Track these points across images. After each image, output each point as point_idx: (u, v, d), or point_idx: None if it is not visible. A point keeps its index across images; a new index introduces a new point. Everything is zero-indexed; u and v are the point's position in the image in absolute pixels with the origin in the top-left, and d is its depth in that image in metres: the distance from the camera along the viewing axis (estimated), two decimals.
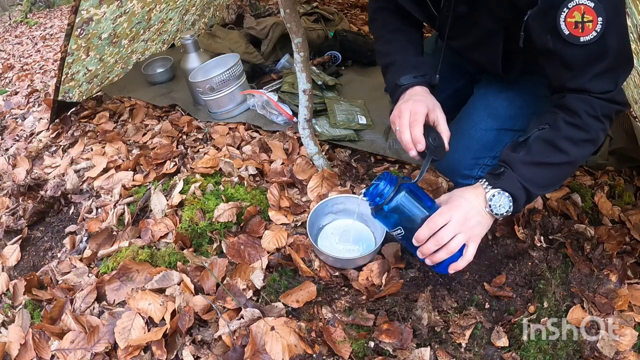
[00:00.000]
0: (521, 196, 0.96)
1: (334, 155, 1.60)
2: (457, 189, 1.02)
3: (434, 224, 0.92)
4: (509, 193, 0.95)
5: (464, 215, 0.94)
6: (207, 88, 1.78)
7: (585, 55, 0.91)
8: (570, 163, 0.99)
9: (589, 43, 0.88)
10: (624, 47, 0.93)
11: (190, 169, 1.57)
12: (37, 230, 1.55)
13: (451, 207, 0.95)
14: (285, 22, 1.23)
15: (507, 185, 0.96)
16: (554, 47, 0.92)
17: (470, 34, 1.14)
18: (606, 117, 0.96)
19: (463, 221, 0.93)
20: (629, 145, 1.57)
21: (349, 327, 1.08)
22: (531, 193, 0.97)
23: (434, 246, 0.93)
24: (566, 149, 0.96)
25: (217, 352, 1.03)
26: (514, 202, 0.96)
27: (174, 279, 1.19)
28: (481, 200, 0.96)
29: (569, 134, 0.95)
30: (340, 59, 2.27)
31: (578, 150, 0.97)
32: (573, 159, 0.97)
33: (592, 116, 0.94)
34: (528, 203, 1.00)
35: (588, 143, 0.98)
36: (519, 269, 1.25)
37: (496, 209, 0.95)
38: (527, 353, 1.04)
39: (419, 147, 0.98)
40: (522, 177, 0.96)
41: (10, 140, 2.11)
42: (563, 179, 1.08)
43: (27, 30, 5.73)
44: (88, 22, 1.63)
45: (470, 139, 1.36)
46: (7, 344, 1.12)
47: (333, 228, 1.36)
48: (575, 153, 0.97)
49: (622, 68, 0.94)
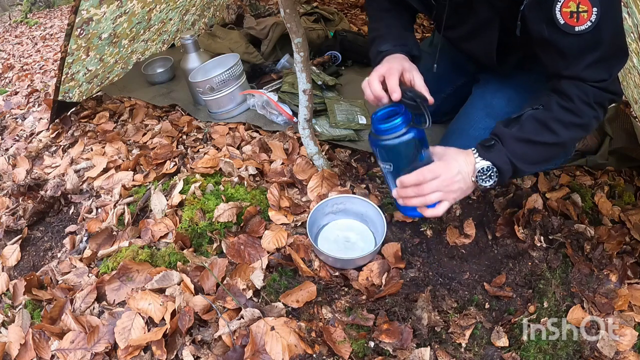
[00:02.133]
0: (507, 170, 1.00)
1: (334, 155, 1.60)
2: (452, 149, 1.04)
3: (423, 177, 0.96)
4: (496, 167, 0.99)
5: (451, 178, 0.98)
6: (207, 88, 1.78)
7: (580, 45, 0.94)
8: (559, 144, 1.02)
9: (584, 33, 0.91)
10: (618, 37, 0.95)
11: (190, 169, 1.57)
12: (37, 230, 1.55)
13: (442, 167, 0.98)
14: (285, 22, 1.23)
15: (495, 158, 1.00)
16: (549, 36, 0.95)
17: (467, 23, 1.16)
18: (599, 104, 0.99)
19: (447, 183, 0.97)
20: (629, 145, 1.57)
21: (349, 327, 1.08)
22: (518, 168, 1.01)
23: (413, 194, 0.97)
24: (557, 130, 0.99)
25: (217, 352, 1.03)
26: (499, 175, 1.00)
27: (174, 279, 1.19)
28: (470, 168, 1.01)
29: (561, 116, 0.99)
30: (340, 59, 2.27)
31: (568, 132, 1.00)
32: (562, 140, 1.01)
33: (584, 102, 0.97)
34: (513, 178, 1.03)
35: (578, 128, 1.01)
36: (519, 269, 1.25)
37: (482, 181, 1.01)
38: (527, 353, 1.04)
39: (394, 96, 0.99)
40: (511, 152, 0.99)
41: (10, 140, 2.11)
42: (550, 160, 1.11)
43: (27, 30, 5.73)
44: (88, 22, 1.63)
45: (469, 139, 1.37)
46: (7, 344, 1.12)
47: (333, 228, 1.36)
48: (565, 135, 1.00)
49: (616, 58, 0.97)
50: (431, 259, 1.28)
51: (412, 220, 1.35)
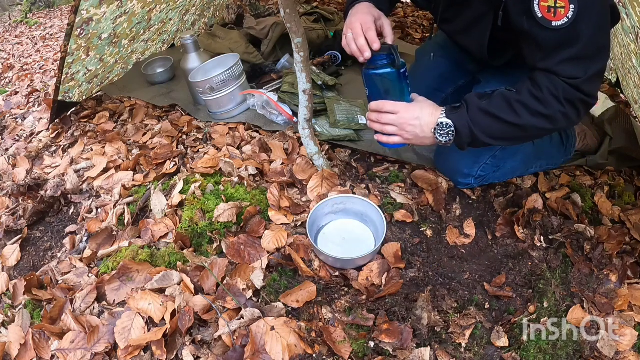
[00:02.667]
0: (465, 135, 1.09)
1: (334, 155, 1.60)
2: (428, 101, 1.16)
3: (383, 106, 1.14)
4: (455, 128, 1.09)
5: (407, 119, 1.12)
6: (207, 88, 1.78)
7: (556, 39, 0.97)
8: (519, 127, 1.07)
9: (560, 28, 0.94)
10: (598, 38, 0.97)
11: (190, 169, 1.57)
12: (37, 230, 1.55)
13: (404, 107, 1.13)
14: (285, 22, 1.23)
15: (457, 120, 1.09)
16: (529, 29, 0.99)
17: (462, 16, 1.20)
18: (568, 101, 1.01)
19: (403, 122, 1.13)
20: (629, 145, 1.57)
21: (349, 327, 1.08)
22: (476, 136, 1.09)
23: (374, 119, 1.17)
24: (520, 113, 1.05)
25: (217, 352, 1.03)
26: (456, 136, 1.10)
27: (174, 279, 1.19)
28: (433, 120, 1.11)
29: (527, 101, 1.04)
30: (340, 59, 2.27)
31: (530, 118, 1.05)
32: (523, 123, 1.06)
33: (553, 95, 1.01)
34: (473, 145, 1.13)
35: (543, 118, 1.05)
36: (519, 269, 1.25)
37: (439, 135, 1.12)
38: (527, 353, 1.04)
39: (374, 46, 1.11)
40: (472, 120, 1.08)
41: (10, 140, 2.11)
42: (509, 140, 1.16)
43: (27, 30, 5.73)
44: (88, 22, 1.63)
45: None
46: (7, 344, 1.13)
47: (333, 228, 1.36)
48: (527, 120, 1.05)
49: (593, 58, 0.98)
50: (431, 259, 1.28)
51: (412, 220, 1.35)
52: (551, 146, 1.47)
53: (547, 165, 1.50)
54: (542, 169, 1.50)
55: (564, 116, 1.04)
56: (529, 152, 1.42)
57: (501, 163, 1.38)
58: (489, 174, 1.39)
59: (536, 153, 1.44)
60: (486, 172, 1.38)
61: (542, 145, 1.44)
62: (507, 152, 1.37)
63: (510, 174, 1.45)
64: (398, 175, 1.51)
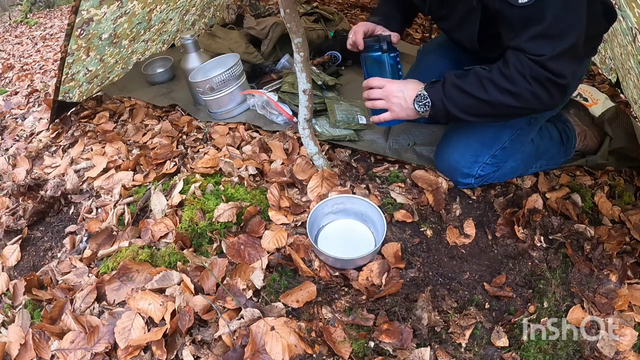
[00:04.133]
0: (439, 108, 1.20)
1: (334, 155, 1.60)
2: (414, 80, 1.29)
3: (372, 82, 1.32)
4: (430, 100, 1.21)
5: (392, 91, 1.27)
6: (207, 88, 1.78)
7: (522, 17, 1.02)
8: (487, 102, 1.14)
9: (527, 5, 0.99)
10: (565, 15, 1.00)
11: (190, 169, 1.57)
12: (37, 230, 1.55)
13: (389, 81, 1.30)
14: (285, 22, 1.23)
15: (432, 93, 1.21)
16: (500, 8, 1.05)
17: (455, 12, 1.26)
18: (535, 79, 1.06)
19: (388, 93, 1.28)
20: (629, 145, 1.57)
21: (349, 327, 1.08)
22: (448, 110, 1.19)
23: (366, 95, 1.35)
24: (488, 89, 1.12)
25: (217, 352, 1.03)
26: (432, 108, 1.22)
27: (174, 279, 1.19)
28: (414, 93, 1.24)
29: (496, 79, 1.11)
30: (340, 59, 2.27)
31: (498, 95, 1.11)
32: (490, 99, 1.13)
33: (519, 72, 1.06)
34: (449, 118, 1.22)
35: (510, 95, 1.10)
36: (519, 269, 1.25)
37: (417, 105, 1.24)
38: (527, 353, 1.04)
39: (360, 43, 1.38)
40: (446, 94, 1.18)
41: (10, 140, 2.11)
42: (481, 116, 1.21)
43: (27, 30, 5.73)
44: (88, 23, 1.63)
45: (469, 137, 1.38)
46: (7, 344, 1.13)
47: (333, 228, 1.36)
48: (494, 96, 1.12)
49: (560, 36, 1.01)
50: (431, 259, 1.28)
51: (412, 220, 1.35)
52: (551, 146, 1.47)
53: (547, 165, 1.50)
54: (542, 169, 1.50)
55: (532, 95, 1.08)
56: (529, 152, 1.42)
57: (501, 163, 1.38)
58: (489, 174, 1.39)
59: (536, 153, 1.44)
60: (486, 171, 1.38)
61: (542, 144, 1.45)
62: (507, 151, 1.37)
63: (510, 174, 1.45)
64: (398, 175, 1.51)
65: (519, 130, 1.36)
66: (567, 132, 1.51)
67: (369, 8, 3.39)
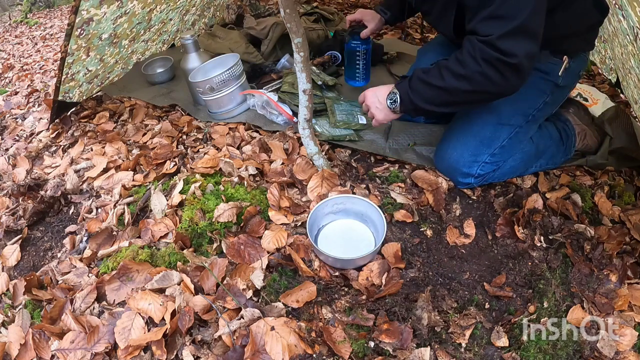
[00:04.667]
0: (406, 100, 1.27)
1: (334, 155, 1.60)
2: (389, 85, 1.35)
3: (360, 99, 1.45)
4: (399, 94, 1.28)
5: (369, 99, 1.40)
6: (207, 88, 1.78)
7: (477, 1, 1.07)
8: (444, 89, 1.18)
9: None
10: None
11: (190, 169, 1.57)
12: (37, 230, 1.55)
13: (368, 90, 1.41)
14: (285, 22, 1.23)
15: (400, 87, 1.28)
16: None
17: (435, 6, 1.33)
18: (485, 61, 1.08)
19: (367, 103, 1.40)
20: (629, 145, 1.57)
21: (349, 327, 1.08)
22: (414, 102, 1.25)
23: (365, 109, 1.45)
24: (444, 77, 1.16)
25: (217, 352, 1.03)
26: (401, 102, 1.28)
27: (174, 279, 1.19)
28: (386, 92, 1.33)
29: (451, 65, 1.15)
30: (340, 59, 2.27)
31: (453, 81, 1.15)
32: (446, 86, 1.17)
33: (470, 55, 1.10)
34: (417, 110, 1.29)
35: (463, 79, 1.13)
36: (519, 269, 1.25)
37: (388, 101, 1.32)
38: (527, 353, 1.04)
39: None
40: (411, 87, 1.24)
41: (10, 140, 2.11)
42: (443, 105, 1.25)
43: (27, 30, 5.73)
44: (88, 23, 1.63)
45: (468, 136, 1.38)
46: (7, 344, 1.13)
47: (333, 228, 1.36)
48: (450, 82, 1.16)
49: (510, 16, 1.04)
50: (431, 259, 1.28)
51: (412, 220, 1.35)
52: (551, 145, 1.47)
53: (547, 164, 1.50)
54: (542, 168, 1.50)
55: (483, 76, 1.10)
56: (528, 150, 1.42)
57: (500, 162, 1.39)
58: (489, 173, 1.39)
59: (536, 152, 1.44)
60: (486, 170, 1.38)
61: (542, 143, 1.45)
62: (506, 150, 1.37)
63: (510, 173, 1.45)
64: (398, 175, 1.51)
65: (517, 129, 1.37)
66: (567, 131, 1.51)
67: (369, 8, 3.38)
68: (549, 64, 1.31)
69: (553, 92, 1.35)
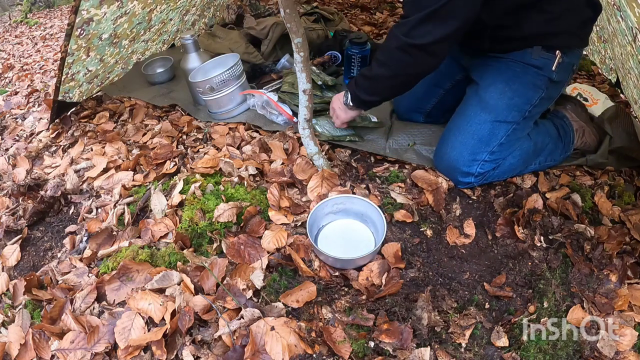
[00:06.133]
0: (354, 95, 1.40)
1: (334, 155, 1.60)
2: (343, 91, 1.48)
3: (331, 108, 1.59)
4: (349, 91, 1.42)
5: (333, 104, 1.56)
6: (207, 88, 1.78)
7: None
8: (374, 79, 1.30)
9: None
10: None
11: (190, 169, 1.57)
12: (37, 230, 1.55)
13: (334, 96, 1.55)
14: (285, 22, 1.23)
15: (350, 85, 1.41)
16: None
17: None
18: (398, 48, 1.18)
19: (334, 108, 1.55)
20: (629, 145, 1.57)
21: (349, 327, 1.08)
22: (358, 95, 1.38)
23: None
24: (372, 66, 1.29)
25: (217, 352, 1.03)
26: (351, 98, 1.42)
27: (174, 279, 1.19)
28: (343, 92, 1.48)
29: (378, 55, 1.27)
30: (340, 59, 2.27)
31: (377, 69, 1.27)
32: (372, 74, 1.30)
33: (386, 43, 1.22)
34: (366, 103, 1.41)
35: (384, 66, 1.25)
36: (519, 269, 1.25)
37: (344, 100, 1.46)
38: (527, 353, 1.04)
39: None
40: (356, 83, 1.37)
41: (10, 140, 2.11)
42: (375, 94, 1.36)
43: (27, 30, 5.73)
44: (88, 23, 1.63)
45: (466, 135, 1.39)
46: (7, 344, 1.13)
47: (333, 228, 1.36)
48: (375, 71, 1.28)
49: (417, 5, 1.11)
50: (431, 259, 1.28)
51: (412, 220, 1.35)
52: (549, 141, 1.48)
53: (547, 161, 1.50)
54: (542, 165, 1.50)
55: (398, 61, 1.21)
56: (527, 148, 1.42)
57: (500, 160, 1.39)
58: (489, 172, 1.40)
59: (534, 149, 1.44)
60: (485, 169, 1.38)
61: (540, 140, 1.45)
62: (505, 147, 1.38)
63: (510, 171, 1.45)
64: (398, 175, 1.51)
65: (514, 125, 1.37)
66: (565, 127, 1.52)
67: (369, 8, 3.39)
68: (542, 59, 1.31)
69: (548, 87, 1.36)
